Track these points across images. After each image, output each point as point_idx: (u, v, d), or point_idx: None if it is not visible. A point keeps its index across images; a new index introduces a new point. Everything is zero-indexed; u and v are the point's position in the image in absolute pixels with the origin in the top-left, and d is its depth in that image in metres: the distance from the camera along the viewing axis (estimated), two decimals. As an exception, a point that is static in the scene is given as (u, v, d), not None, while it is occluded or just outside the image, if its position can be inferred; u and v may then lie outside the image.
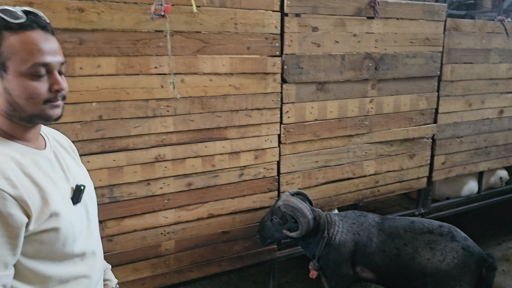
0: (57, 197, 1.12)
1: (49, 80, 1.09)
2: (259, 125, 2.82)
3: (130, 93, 2.38)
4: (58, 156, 1.23)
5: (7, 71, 1.04)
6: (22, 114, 1.08)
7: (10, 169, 1.02)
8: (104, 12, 2.25)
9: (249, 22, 2.64)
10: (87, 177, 1.35)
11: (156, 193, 2.57)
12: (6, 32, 1.03)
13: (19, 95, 1.06)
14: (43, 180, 1.10)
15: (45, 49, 1.07)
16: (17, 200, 1.00)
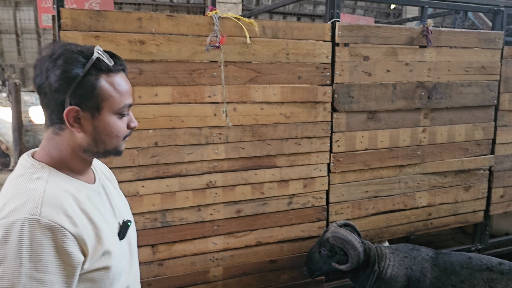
0: (108, 234, 1.10)
1: (127, 119, 1.14)
2: (309, 153, 2.81)
3: (184, 120, 2.46)
4: (106, 189, 1.21)
5: (100, 112, 1.07)
6: (100, 149, 1.11)
7: (69, 206, 1.01)
8: (163, 44, 2.36)
9: (300, 52, 2.69)
10: (129, 209, 1.33)
11: (206, 219, 2.60)
12: (103, 74, 1.06)
13: (108, 133, 1.09)
14: (96, 216, 1.08)
15: (129, 90, 1.12)
16: (76, 239, 0.98)
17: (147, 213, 2.45)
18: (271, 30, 2.60)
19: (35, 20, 8.47)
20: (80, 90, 1.03)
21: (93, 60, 1.03)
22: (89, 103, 1.05)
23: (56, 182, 1.04)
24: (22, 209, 0.95)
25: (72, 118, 1.05)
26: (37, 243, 0.92)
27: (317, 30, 2.73)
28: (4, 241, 0.91)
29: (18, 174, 1.06)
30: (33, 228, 0.92)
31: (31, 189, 0.99)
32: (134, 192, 2.40)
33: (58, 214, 0.96)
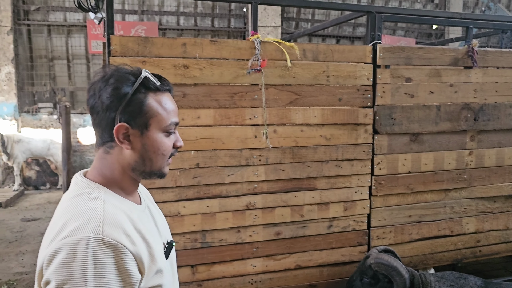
0: (159, 253, 1.11)
1: (173, 138, 1.15)
2: (349, 176, 2.78)
3: (225, 142, 2.50)
4: (151, 210, 1.24)
5: (148, 128, 1.09)
6: (147, 168, 1.12)
7: (127, 225, 1.03)
8: (206, 68, 2.43)
9: (341, 75, 2.69)
10: (169, 230, 1.33)
11: (246, 240, 2.60)
12: (150, 93, 1.10)
13: (155, 150, 1.11)
14: (149, 235, 1.09)
15: (175, 110, 1.16)
16: (135, 257, 0.99)
17: (187, 233, 2.48)
18: (311, 53, 2.62)
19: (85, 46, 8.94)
20: (129, 107, 1.07)
21: (141, 78, 1.08)
22: (138, 120, 1.08)
23: (112, 202, 1.07)
24: (86, 228, 0.96)
25: (122, 135, 1.08)
26: (100, 261, 0.94)
27: (358, 52, 2.72)
28: (70, 260, 0.93)
29: (74, 194, 1.08)
30: (97, 247, 0.94)
31: (91, 209, 1.02)
32: (176, 212, 2.45)
33: (119, 233, 0.98)
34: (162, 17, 9.33)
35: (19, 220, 6.45)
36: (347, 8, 3.12)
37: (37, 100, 8.93)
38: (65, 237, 0.95)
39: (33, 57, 8.84)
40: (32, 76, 8.86)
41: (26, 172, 8.67)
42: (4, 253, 5.09)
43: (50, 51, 8.91)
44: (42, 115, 8.73)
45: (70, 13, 8.87)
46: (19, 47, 8.61)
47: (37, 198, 7.83)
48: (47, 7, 8.70)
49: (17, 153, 7.87)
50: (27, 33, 8.73)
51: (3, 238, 5.63)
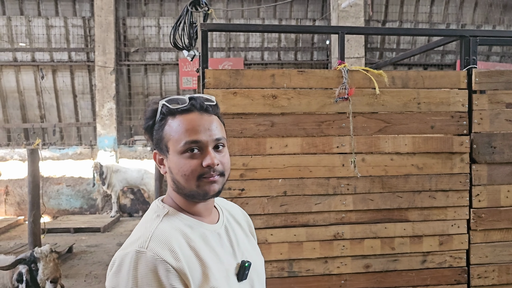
0: (219, 273, 1.11)
1: (202, 157, 1.12)
2: (445, 208, 2.61)
3: (313, 171, 2.50)
4: (228, 231, 1.24)
5: (168, 151, 1.14)
6: (183, 190, 1.15)
7: (176, 241, 1.07)
8: (294, 97, 2.49)
9: (433, 101, 2.59)
10: (258, 255, 1.33)
11: (333, 272, 2.54)
12: (169, 117, 1.14)
13: (177, 172, 1.13)
14: (207, 255, 1.11)
15: (198, 127, 1.12)
16: (178, 272, 1.03)
17: (274, 261, 2.49)
18: (400, 80, 2.57)
19: (176, 82, 9.61)
20: (155, 136, 1.18)
21: (158, 109, 1.16)
22: (161, 146, 1.17)
23: (171, 221, 1.14)
24: (135, 243, 1.06)
25: (157, 160, 1.20)
26: (142, 273, 1.01)
27: (451, 78, 2.61)
28: (118, 270, 1.03)
29: (145, 216, 1.20)
30: (140, 260, 1.02)
31: (147, 227, 1.11)
32: (263, 239, 2.47)
33: (163, 249, 1.04)
34: (247, 53, 9.76)
35: (115, 245, 6.92)
36: (437, 33, 3.02)
37: (133, 133, 9.70)
38: (121, 250, 1.07)
39: (131, 93, 9.67)
40: (130, 111, 9.67)
41: (122, 200, 9.34)
42: (101, 274, 5.47)
43: (146, 88, 9.70)
44: (138, 147, 9.43)
45: (164, 53, 9.63)
46: (119, 85, 9.48)
47: (131, 225, 8.36)
48: (145, 48, 9.53)
49: (115, 182, 8.54)
50: (127, 72, 9.62)
51: (101, 261, 6.07)
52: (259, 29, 2.70)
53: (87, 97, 9.66)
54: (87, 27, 9.44)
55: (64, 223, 8.12)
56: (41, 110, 9.59)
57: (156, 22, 9.50)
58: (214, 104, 1.18)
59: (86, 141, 9.59)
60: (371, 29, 3.74)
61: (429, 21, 9.94)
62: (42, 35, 9.34)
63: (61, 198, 9.29)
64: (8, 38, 9.30)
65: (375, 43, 9.93)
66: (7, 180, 9.11)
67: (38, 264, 3.31)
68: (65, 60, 9.47)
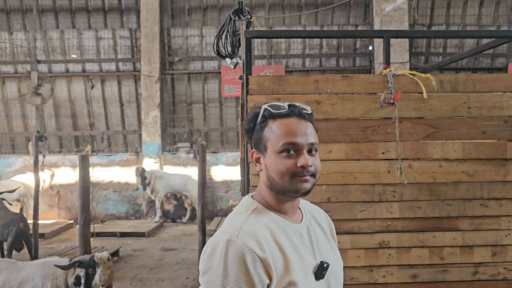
0: (299, 268, 1.21)
1: (297, 157, 1.24)
2: (498, 217, 2.49)
3: (357, 177, 2.46)
4: (310, 231, 1.33)
5: (267, 150, 1.27)
6: (276, 187, 1.26)
7: (262, 235, 1.20)
8: (338, 103, 2.46)
9: (484, 106, 2.49)
10: (337, 257, 1.39)
11: (379, 281, 2.48)
12: (270, 120, 1.28)
13: (272, 170, 1.25)
14: (289, 250, 1.22)
15: (295, 131, 1.24)
16: (262, 262, 1.15)
17: (318, 268, 2.46)
18: (449, 84, 2.49)
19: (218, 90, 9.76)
20: (256, 136, 1.31)
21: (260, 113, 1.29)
22: (260, 145, 1.29)
23: (258, 216, 1.26)
24: (227, 232, 1.21)
25: (254, 158, 1.33)
26: (232, 259, 1.15)
27: (504, 81, 2.50)
28: (211, 255, 1.18)
29: (236, 209, 1.34)
30: (230, 247, 1.16)
31: (237, 219, 1.25)
32: (307, 246, 2.45)
33: (250, 239, 1.17)
34: (288, 60, 9.76)
35: (159, 249, 7.07)
36: (488, 35, 2.91)
37: (177, 141, 9.91)
38: (214, 237, 1.23)
39: (175, 102, 9.91)
40: (173, 119, 9.90)
41: (166, 205, 9.55)
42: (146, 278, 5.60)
43: (189, 96, 9.91)
44: (181, 154, 9.62)
45: (206, 62, 9.81)
46: (164, 94, 9.74)
47: (174, 230, 8.52)
48: (188, 57, 9.76)
49: (159, 188, 8.75)
50: (171, 81, 9.87)
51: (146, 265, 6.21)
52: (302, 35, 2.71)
53: (133, 105, 9.98)
54: (133, 38, 9.78)
55: (111, 227, 8.39)
56: (90, 119, 10.00)
57: (199, 32, 9.70)
58: (309, 112, 1.31)
59: (132, 148, 9.90)
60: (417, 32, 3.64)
61: (477, 24, 9.55)
62: (92, 47, 9.76)
63: (108, 203, 9.62)
64: (61, 50, 9.79)
65: (420, 47, 9.66)
66: (59, 185, 9.54)
67: (96, 269, 3.41)
68: (113, 70, 9.84)
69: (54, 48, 9.79)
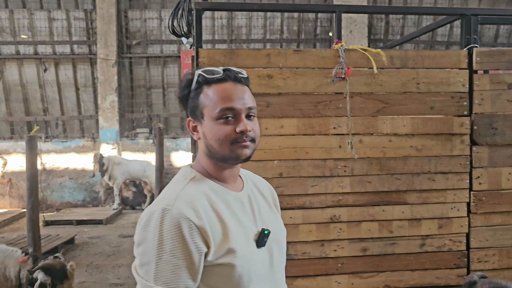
0: (239, 236, 1.18)
1: (235, 123, 1.19)
2: (444, 190, 2.56)
3: (309, 152, 2.46)
4: (252, 200, 1.29)
5: (203, 118, 1.21)
6: (216, 155, 1.22)
7: (199, 203, 1.16)
8: (289, 77, 2.44)
9: (432, 81, 2.53)
10: (280, 226, 1.37)
11: (330, 255, 2.50)
12: (205, 86, 1.22)
13: (211, 137, 1.20)
14: (228, 218, 1.19)
15: (232, 96, 1.19)
16: (200, 230, 1.12)
17: (270, 244, 2.44)
18: (399, 59, 2.51)
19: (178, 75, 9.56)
20: (191, 103, 1.25)
21: (195, 77, 1.23)
22: (196, 113, 1.24)
23: (196, 184, 1.21)
24: (162, 201, 1.16)
25: (191, 127, 1.27)
26: (167, 229, 1.10)
27: (451, 57, 2.55)
28: (146, 225, 1.14)
29: (173, 179, 1.28)
30: (166, 217, 1.12)
31: (174, 188, 1.20)
32: (259, 222, 2.43)
33: (186, 208, 1.13)
34: (249, 44, 9.69)
35: (117, 236, 6.91)
36: (438, 12, 2.96)
37: (136, 126, 9.67)
38: (149, 208, 1.17)
39: (133, 86, 9.64)
40: (132, 104, 9.64)
41: (124, 192, 9.33)
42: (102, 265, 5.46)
43: (148, 81, 9.66)
44: (140, 139, 9.40)
45: (166, 46, 9.58)
46: (121, 78, 9.45)
47: (133, 217, 8.35)
48: (146, 40, 9.49)
49: (117, 174, 8.52)
50: (129, 65, 9.58)
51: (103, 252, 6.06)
52: (254, 7, 2.65)
53: (90, 90, 9.63)
54: (89, 20, 9.41)
55: (66, 215, 8.11)
56: (43, 103, 9.58)
57: (158, 14, 9.44)
58: (246, 76, 1.26)
59: (89, 134, 9.58)
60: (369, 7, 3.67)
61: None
62: (45, 28, 9.31)
63: (64, 191, 9.29)
64: (10, 31, 9.28)
65: (378, 34, 9.83)
66: (10, 172, 9.12)
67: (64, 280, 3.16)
68: (67, 53, 9.45)
69: (3, 29, 9.27)
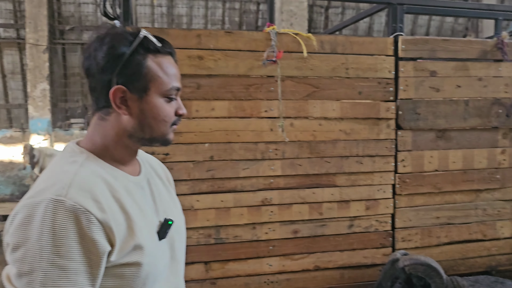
0: (144, 229, 1.00)
1: (175, 105, 1.07)
2: (371, 173, 2.65)
3: (240, 135, 2.44)
4: (151, 184, 1.13)
5: (147, 93, 1.02)
6: (146, 135, 1.04)
7: (100, 191, 0.94)
8: (221, 59, 2.40)
9: (361, 67, 2.60)
10: (180, 212, 1.22)
11: (261, 238, 2.50)
12: (150, 55, 1.01)
13: (155, 116, 1.03)
14: (132, 208, 0.99)
15: (177, 74, 1.07)
16: (102, 225, 0.90)
17: (201, 228, 2.41)
18: (329, 44, 2.55)
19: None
20: (127, 69, 0.99)
21: (140, 38, 1.00)
22: (136, 84, 1.00)
23: (91, 167, 0.98)
24: (50, 190, 0.89)
25: (118, 99, 1.00)
26: (60, 226, 0.86)
27: (378, 44, 2.63)
28: (27, 222, 0.87)
29: (57, 158, 1.04)
30: (57, 210, 0.87)
31: (63, 172, 0.95)
32: (189, 206, 2.38)
33: (85, 198, 0.90)
34: (190, 34, 9.53)
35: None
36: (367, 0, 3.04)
37: (70, 116, 9.20)
38: (28, 198, 0.90)
39: (67, 74, 9.16)
40: (65, 93, 9.16)
41: (57, 185, 8.87)
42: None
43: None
44: (74, 130, 8.96)
45: (102, 32, 9.18)
46: (54, 65, 8.93)
47: (67, 211, 7.96)
48: (81, 26, 9.04)
49: (49, 166, 8.07)
50: (62, 51, 9.08)
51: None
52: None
53: (18, 77, 9.03)
54: (16, 2, 8.80)
55: (-9, 211, 7.59)
56: (-35, 91, 8.88)
57: (94, -1, 9.04)
58: None
59: (17, 124, 8.99)
60: None
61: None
62: (-34, 9, 8.61)
63: (-11, 184, 8.69)
64: None
65: (318, 28, 10.04)
66: None
67: None
68: (-7, 36, 8.80)
69: None
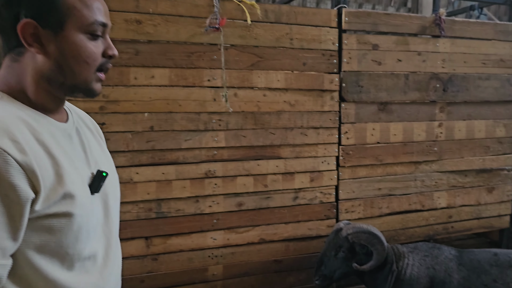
0: (74, 177, 0.91)
1: (103, 44, 0.95)
2: (316, 145, 2.65)
3: (182, 105, 2.34)
4: (81, 134, 1.02)
5: (63, 28, 0.89)
6: (67, 80, 0.92)
7: (19, 131, 0.82)
8: (161, 24, 2.28)
9: (305, 38, 2.57)
10: (112, 167, 1.12)
11: (205, 211, 2.43)
12: None
13: (75, 56, 0.90)
14: (59, 153, 0.89)
15: (103, 9, 0.94)
16: (23, 169, 0.80)
17: (141, 202, 2.30)
18: (273, 14, 2.51)
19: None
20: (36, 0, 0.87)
21: None
22: (50, 17, 0.88)
23: (8, 108, 0.87)
24: None
25: (29, 35, 0.88)
26: None
27: (322, 15, 2.62)
28: None
29: None
30: None
31: None
32: (128, 179, 2.27)
33: (1, 137, 0.79)
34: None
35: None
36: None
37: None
38: None
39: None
40: None
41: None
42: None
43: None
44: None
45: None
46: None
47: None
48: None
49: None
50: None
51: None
52: None
53: None
54: None
55: None
56: None
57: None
58: None
59: None
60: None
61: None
62: None
63: None
64: None
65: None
66: None
67: None
68: None
69: None
